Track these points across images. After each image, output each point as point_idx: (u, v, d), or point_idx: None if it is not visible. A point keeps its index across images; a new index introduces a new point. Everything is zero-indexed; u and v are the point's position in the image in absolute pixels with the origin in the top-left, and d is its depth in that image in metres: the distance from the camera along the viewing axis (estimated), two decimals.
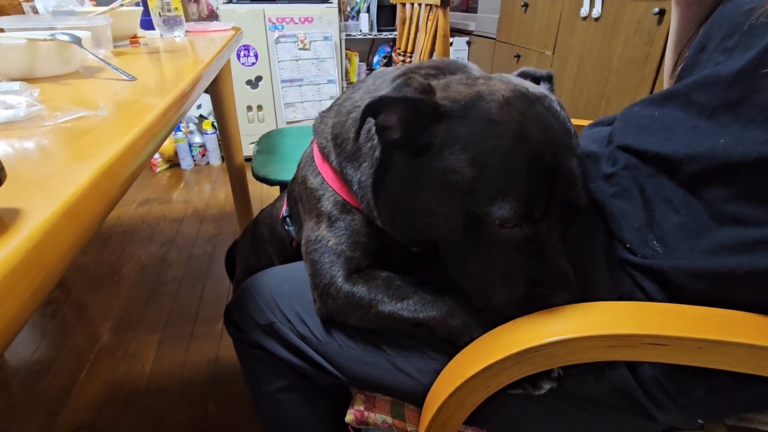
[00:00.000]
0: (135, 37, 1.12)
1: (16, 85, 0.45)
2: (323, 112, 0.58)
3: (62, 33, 0.63)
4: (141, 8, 1.09)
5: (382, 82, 0.51)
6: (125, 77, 0.63)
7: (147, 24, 1.26)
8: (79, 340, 1.29)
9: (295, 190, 0.63)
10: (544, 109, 0.40)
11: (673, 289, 0.39)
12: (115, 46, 0.96)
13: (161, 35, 1.19)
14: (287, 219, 0.66)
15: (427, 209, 0.43)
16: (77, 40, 0.63)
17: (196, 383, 1.14)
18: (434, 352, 0.48)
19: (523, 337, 0.37)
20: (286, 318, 0.55)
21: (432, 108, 0.40)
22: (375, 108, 0.41)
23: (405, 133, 0.41)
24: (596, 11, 1.48)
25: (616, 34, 1.42)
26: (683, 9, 0.53)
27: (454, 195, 0.40)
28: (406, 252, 0.53)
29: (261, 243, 0.79)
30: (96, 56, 0.65)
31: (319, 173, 0.55)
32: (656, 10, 1.26)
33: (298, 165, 0.63)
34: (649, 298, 0.40)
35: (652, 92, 1.29)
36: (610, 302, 0.37)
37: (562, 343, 0.35)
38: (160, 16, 1.16)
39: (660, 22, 1.26)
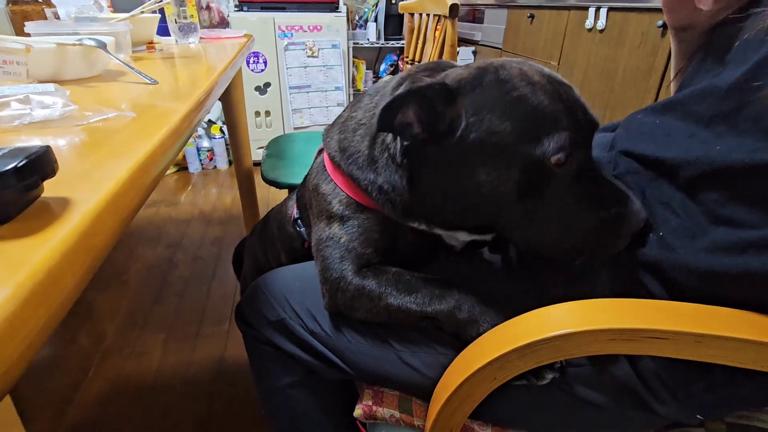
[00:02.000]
0: (151, 43, 1.15)
1: (50, 87, 0.48)
2: (328, 127, 0.60)
3: (88, 38, 0.65)
4: (158, 15, 1.13)
5: (382, 96, 0.53)
6: (148, 81, 0.65)
7: (162, 30, 1.29)
8: (87, 338, 1.31)
9: (305, 197, 0.65)
10: (528, 66, 0.45)
11: (672, 286, 0.40)
12: (133, 52, 1.00)
13: (176, 41, 1.22)
14: (298, 221, 0.69)
15: (477, 183, 0.44)
16: (103, 45, 0.66)
17: (202, 382, 1.15)
18: (441, 346, 0.50)
19: (529, 331, 0.38)
20: (297, 314, 0.57)
21: (443, 90, 0.43)
22: (389, 114, 0.43)
23: (425, 124, 0.44)
24: (601, 23, 1.51)
25: (620, 45, 1.45)
26: (677, 43, 0.56)
27: (500, 156, 0.42)
28: (416, 251, 0.55)
29: (270, 239, 0.81)
30: (120, 60, 0.68)
31: (331, 180, 0.57)
32: (660, 22, 1.29)
33: (309, 174, 0.64)
34: (651, 295, 0.42)
35: (656, 102, 1.31)
36: (612, 299, 0.39)
37: (567, 336, 0.36)
38: (176, 22, 1.19)
39: (663, 34, 1.28)
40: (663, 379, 0.41)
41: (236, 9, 2.27)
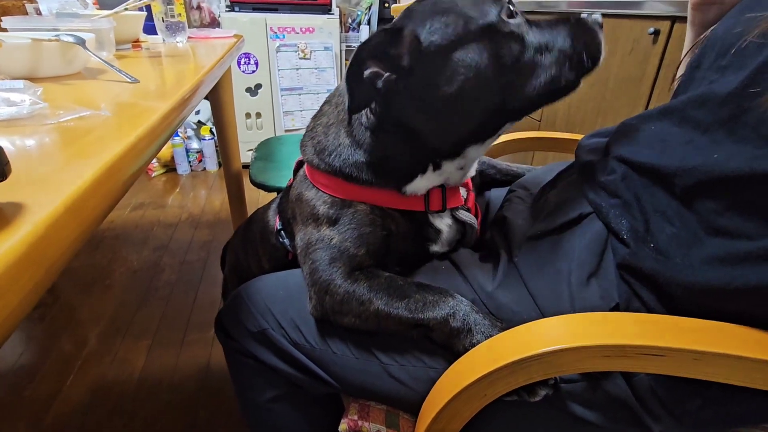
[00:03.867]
0: (137, 41, 1.13)
1: (19, 83, 0.45)
2: (302, 139, 0.62)
3: (66, 34, 0.63)
4: (145, 13, 1.10)
5: (339, 96, 0.56)
6: (128, 79, 0.63)
7: (150, 29, 1.27)
8: (67, 345, 1.27)
9: (288, 211, 0.63)
10: None
11: (669, 300, 0.39)
12: (117, 50, 0.97)
13: (164, 40, 1.20)
14: (282, 232, 0.67)
15: (463, 78, 0.46)
16: (81, 42, 0.63)
17: (187, 390, 1.12)
18: (430, 359, 0.48)
19: (520, 346, 0.37)
20: (279, 325, 0.54)
21: (385, 33, 0.46)
22: (354, 75, 0.46)
23: (390, 66, 0.47)
24: None
25: (612, 53, 1.45)
26: (695, 28, 0.56)
27: (465, 42, 0.46)
28: (407, 244, 0.54)
29: (251, 243, 0.79)
30: (99, 58, 0.66)
31: (313, 186, 0.56)
32: (651, 30, 1.29)
33: (291, 187, 0.64)
34: (647, 308, 0.40)
35: (646, 109, 1.31)
36: (607, 313, 0.37)
37: (559, 352, 0.35)
38: (163, 21, 1.17)
39: (655, 42, 1.29)
40: (659, 396, 0.40)
41: (227, 9, 2.25)
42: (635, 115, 0.51)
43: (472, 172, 0.59)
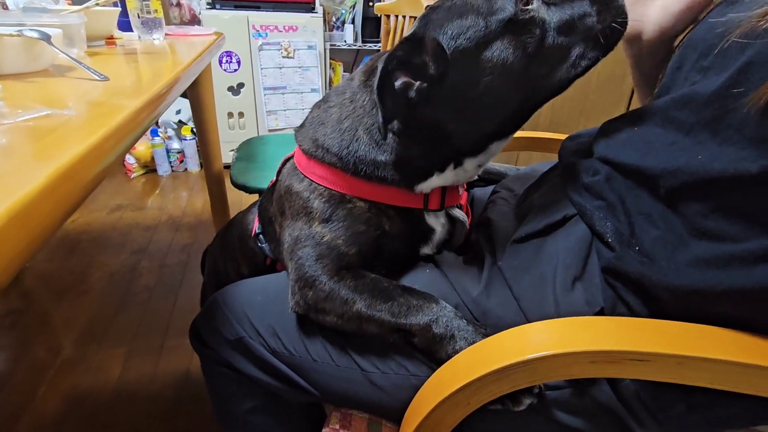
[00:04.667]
0: (111, 37, 1.09)
1: None
2: (299, 129, 0.60)
3: (30, 29, 0.60)
4: (119, 9, 1.07)
5: (351, 94, 0.55)
6: (97, 77, 0.60)
7: (126, 25, 1.23)
8: (40, 353, 1.22)
9: (270, 211, 0.61)
10: None
11: (655, 304, 0.38)
12: (89, 46, 0.93)
13: (139, 37, 1.16)
14: (260, 236, 0.65)
15: (492, 77, 0.46)
16: (46, 37, 0.60)
17: (165, 398, 1.09)
18: (413, 366, 0.47)
19: (505, 353, 0.36)
20: (257, 332, 0.52)
21: (408, 43, 0.46)
22: (384, 89, 0.45)
23: (419, 76, 0.47)
24: None
25: None
26: (628, 57, 0.57)
27: (486, 41, 0.45)
28: (400, 245, 0.53)
29: (230, 248, 0.77)
30: (67, 54, 0.62)
31: (305, 177, 0.54)
32: None
33: (276, 183, 0.61)
34: (632, 312, 0.40)
35: (628, 108, 1.33)
36: (592, 317, 0.36)
37: (545, 359, 0.34)
38: (138, 17, 1.13)
39: None
40: (644, 401, 0.39)
41: (208, 6, 2.20)
42: (618, 115, 0.51)
43: (480, 169, 0.58)
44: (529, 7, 0.45)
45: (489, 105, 0.48)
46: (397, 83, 0.46)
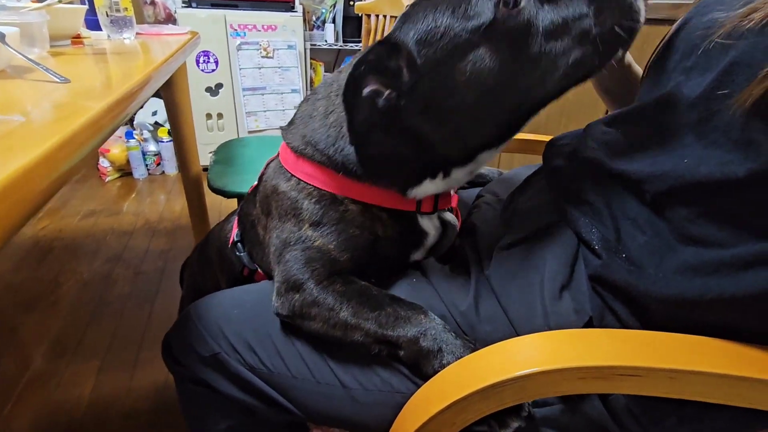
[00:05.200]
0: (78, 37, 1.04)
1: None
2: (286, 127, 0.57)
3: None
4: (85, 7, 1.02)
5: (339, 88, 0.50)
6: (56, 79, 0.56)
7: (95, 24, 1.17)
8: (7, 367, 1.16)
9: (253, 213, 0.58)
10: None
11: (644, 313, 0.37)
12: (53, 46, 0.89)
13: (109, 36, 1.11)
14: (238, 244, 0.62)
15: (467, 85, 0.42)
16: (0, 36, 0.56)
17: (141, 413, 1.04)
18: (398, 382, 0.45)
19: (492, 370, 0.34)
20: (233, 347, 0.50)
21: (383, 46, 0.43)
22: (352, 95, 0.42)
23: (392, 84, 0.43)
24: None
25: None
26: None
27: (462, 45, 0.41)
28: (393, 248, 0.52)
29: (208, 264, 0.73)
30: (22, 55, 0.59)
31: (293, 176, 0.52)
32: None
33: (259, 184, 0.59)
34: (620, 321, 0.39)
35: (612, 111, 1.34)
36: (581, 330, 0.35)
37: (532, 376, 0.32)
38: (107, 15, 1.08)
39: None
40: (635, 415, 0.38)
41: (184, 5, 2.14)
42: (600, 117, 0.50)
43: (472, 175, 0.55)
44: (517, 8, 0.39)
45: (469, 117, 0.44)
46: (366, 90, 0.43)
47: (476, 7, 0.40)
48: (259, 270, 0.61)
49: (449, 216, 0.56)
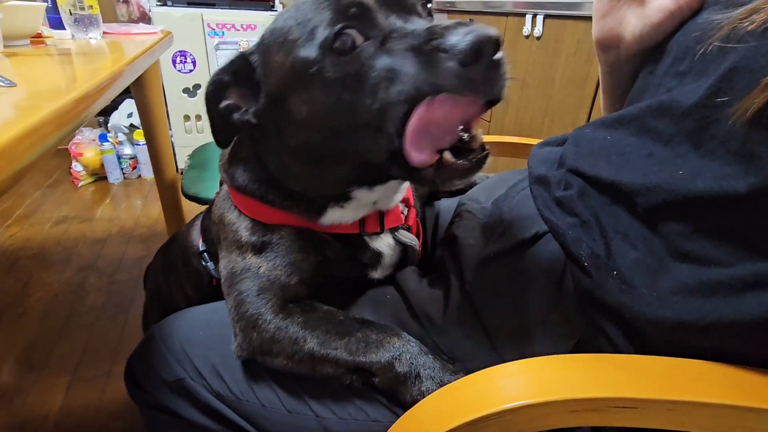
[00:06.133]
0: (39, 36, 0.98)
1: None
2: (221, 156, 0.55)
3: None
4: (45, 4, 0.96)
5: None
6: (1, 83, 0.51)
7: (58, 23, 1.11)
8: None
9: (213, 231, 0.55)
10: None
11: (637, 336, 0.35)
12: (8, 46, 0.83)
13: (73, 36, 1.05)
14: (204, 254, 0.58)
15: (296, 130, 0.41)
16: None
17: (113, 430, 0.99)
18: (373, 411, 0.42)
19: (475, 401, 0.31)
20: (199, 373, 0.46)
21: (231, 62, 0.42)
22: (210, 101, 0.41)
23: (242, 99, 0.42)
24: (538, 30, 1.51)
25: (557, 53, 1.46)
26: (602, 64, 0.52)
27: (289, 85, 0.39)
28: (345, 270, 0.49)
29: (172, 268, 0.69)
30: None
31: (235, 208, 0.50)
32: None
33: (214, 205, 0.56)
34: (613, 344, 0.36)
35: (592, 109, 1.32)
36: (571, 356, 0.32)
37: (520, 409, 0.29)
38: (71, 14, 1.03)
39: None
40: None
41: (159, 4, 2.07)
42: (585, 119, 0.47)
43: (399, 196, 0.52)
44: (350, 54, 0.35)
45: (315, 152, 0.41)
46: (223, 103, 0.42)
47: (312, 33, 0.36)
48: None
49: (406, 237, 0.53)
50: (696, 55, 0.36)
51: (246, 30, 2.18)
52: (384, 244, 0.51)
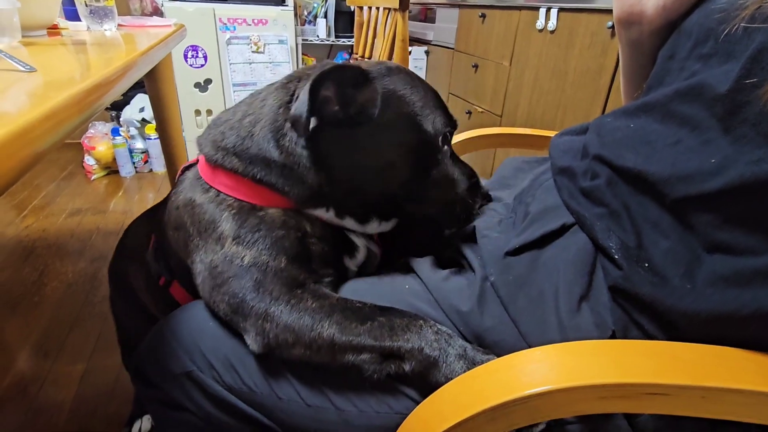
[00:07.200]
0: (55, 27, 0.99)
1: None
2: (201, 135, 0.55)
3: None
4: None
5: (266, 95, 0.52)
6: (21, 67, 0.52)
7: (74, 14, 1.12)
8: None
9: (166, 226, 0.55)
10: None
11: (672, 328, 0.34)
12: (25, 36, 0.84)
13: (88, 27, 1.06)
14: (155, 252, 0.58)
15: (389, 162, 0.49)
16: None
17: (125, 419, 1.00)
18: (396, 403, 0.41)
19: (499, 387, 0.30)
20: (209, 364, 0.45)
21: (359, 72, 0.46)
22: (317, 87, 0.43)
23: (341, 101, 0.45)
24: (551, 24, 1.49)
25: (571, 46, 1.44)
26: (624, 45, 0.52)
27: (407, 135, 0.48)
28: (329, 260, 0.50)
29: (130, 262, 0.69)
30: None
31: (211, 188, 0.49)
32: (610, 23, 1.28)
33: (171, 197, 0.55)
34: (647, 336, 0.35)
35: (606, 102, 1.30)
36: (600, 341, 0.32)
37: (546, 395, 0.29)
38: (86, 6, 1.03)
39: (613, 35, 1.27)
40: None
41: None
42: (599, 111, 0.46)
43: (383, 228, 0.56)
44: (442, 141, 0.50)
45: (363, 180, 0.49)
46: (323, 92, 0.44)
47: (439, 121, 0.50)
48: (176, 283, 0.58)
49: (371, 245, 0.56)
50: (720, 37, 0.35)
51: (257, 25, 2.19)
52: (359, 240, 0.53)
